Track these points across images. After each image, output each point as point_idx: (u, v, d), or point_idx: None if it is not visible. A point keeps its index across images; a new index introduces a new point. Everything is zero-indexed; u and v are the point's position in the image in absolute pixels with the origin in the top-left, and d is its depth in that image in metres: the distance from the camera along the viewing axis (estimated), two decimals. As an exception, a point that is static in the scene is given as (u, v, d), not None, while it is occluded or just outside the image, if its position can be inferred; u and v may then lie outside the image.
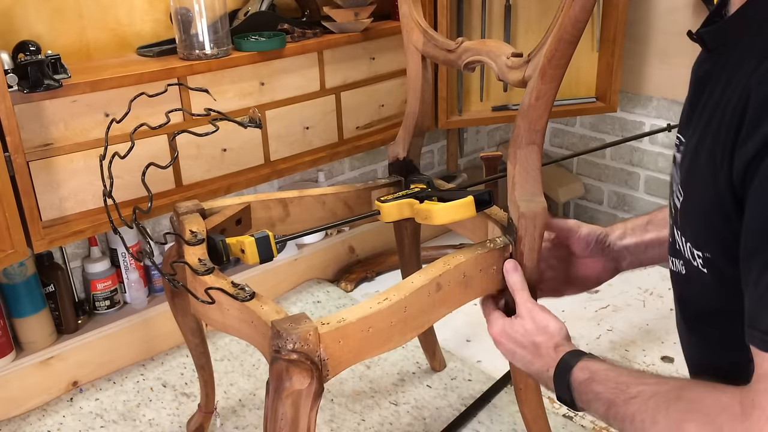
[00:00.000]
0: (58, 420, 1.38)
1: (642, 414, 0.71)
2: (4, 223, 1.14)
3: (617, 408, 0.75)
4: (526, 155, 0.94)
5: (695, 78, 0.80)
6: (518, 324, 0.91)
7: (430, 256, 1.84)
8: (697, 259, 0.75)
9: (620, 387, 0.76)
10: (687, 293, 0.82)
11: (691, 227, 0.76)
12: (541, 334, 0.88)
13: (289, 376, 0.78)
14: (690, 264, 0.77)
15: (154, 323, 1.55)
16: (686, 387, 0.70)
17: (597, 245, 1.04)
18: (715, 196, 0.69)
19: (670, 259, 0.85)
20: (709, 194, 0.70)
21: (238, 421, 1.38)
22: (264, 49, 1.42)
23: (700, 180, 0.72)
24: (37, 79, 1.16)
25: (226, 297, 0.87)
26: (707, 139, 0.71)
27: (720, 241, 0.71)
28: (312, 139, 1.59)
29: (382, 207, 1.05)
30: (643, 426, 0.71)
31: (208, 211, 1.12)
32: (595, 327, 1.62)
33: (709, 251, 0.73)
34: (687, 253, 0.77)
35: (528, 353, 0.90)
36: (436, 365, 1.51)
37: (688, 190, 0.76)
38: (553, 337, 0.88)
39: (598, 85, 1.82)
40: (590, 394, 0.79)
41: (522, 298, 0.93)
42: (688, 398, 0.68)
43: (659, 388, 0.72)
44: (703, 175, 0.71)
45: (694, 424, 0.66)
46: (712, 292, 0.75)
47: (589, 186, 2.19)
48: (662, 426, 0.69)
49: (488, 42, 1.03)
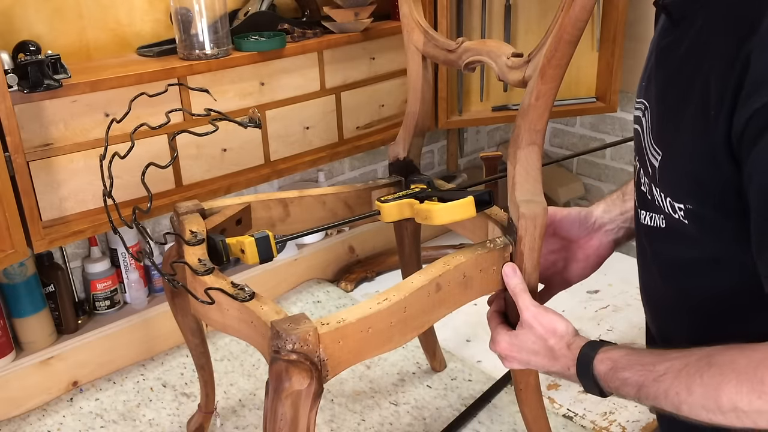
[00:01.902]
0: (58, 420, 1.38)
1: (676, 388, 0.72)
2: (4, 223, 1.14)
3: (647, 389, 0.76)
4: (526, 155, 0.94)
5: (659, 48, 0.84)
6: (526, 333, 0.91)
7: (430, 256, 1.84)
8: (678, 212, 0.79)
9: (646, 368, 0.77)
10: (665, 245, 0.86)
11: (673, 181, 0.79)
12: (552, 337, 0.89)
13: (289, 376, 0.78)
14: (671, 217, 0.81)
15: (154, 323, 1.55)
16: (714, 353, 0.71)
17: (584, 223, 1.06)
18: (704, 151, 0.73)
19: (641, 213, 0.90)
20: (695, 149, 0.74)
21: (238, 421, 1.38)
22: (264, 49, 1.42)
23: (683, 138, 0.76)
24: (37, 79, 1.16)
25: (225, 297, 0.87)
26: (691, 100, 0.74)
27: (706, 191, 0.75)
28: (312, 139, 1.59)
29: (382, 207, 1.05)
30: (679, 399, 0.72)
31: (208, 211, 1.12)
32: (595, 327, 1.62)
33: (691, 203, 0.77)
34: (667, 207, 0.81)
35: (543, 358, 0.90)
36: (436, 365, 1.51)
37: (667, 147, 0.79)
38: (563, 337, 0.88)
39: (598, 85, 1.82)
40: (617, 382, 0.80)
41: (524, 302, 0.93)
42: (720, 362, 0.69)
43: (687, 360, 0.73)
44: (687, 132, 0.75)
45: (732, 384, 0.67)
46: (693, 242, 0.80)
47: (589, 186, 2.19)
48: (699, 394, 0.70)
49: (488, 42, 1.03)
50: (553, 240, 1.08)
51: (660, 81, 0.83)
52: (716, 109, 0.70)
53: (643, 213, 0.89)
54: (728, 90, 0.68)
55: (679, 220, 0.79)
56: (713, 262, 0.80)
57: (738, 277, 0.78)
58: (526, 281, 0.97)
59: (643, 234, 0.91)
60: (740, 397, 0.67)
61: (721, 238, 0.77)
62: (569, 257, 1.09)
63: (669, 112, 0.80)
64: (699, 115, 0.73)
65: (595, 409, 1.36)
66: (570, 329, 0.89)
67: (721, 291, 0.82)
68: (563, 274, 1.09)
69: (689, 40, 0.77)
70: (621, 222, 1.07)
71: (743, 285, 0.77)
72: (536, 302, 0.93)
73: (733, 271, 0.79)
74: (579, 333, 0.90)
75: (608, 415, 1.34)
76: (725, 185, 0.72)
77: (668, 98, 0.80)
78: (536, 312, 0.91)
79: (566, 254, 1.09)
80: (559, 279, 1.09)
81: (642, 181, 0.88)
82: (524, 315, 0.91)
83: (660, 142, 0.81)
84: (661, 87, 0.82)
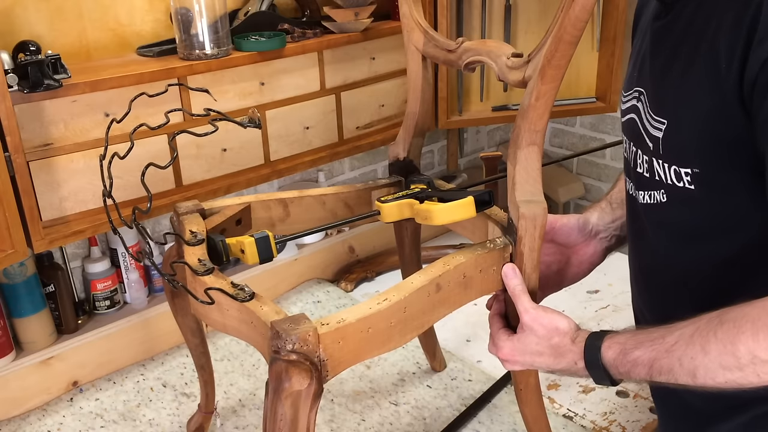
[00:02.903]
0: (58, 420, 1.38)
1: (690, 352, 0.71)
2: (4, 223, 1.14)
3: (660, 361, 0.75)
4: (526, 155, 0.94)
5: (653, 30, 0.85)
6: (528, 336, 0.90)
7: (430, 256, 1.84)
8: (684, 178, 0.79)
9: (656, 342, 0.76)
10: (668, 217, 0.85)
11: (680, 146, 0.79)
12: (555, 335, 0.88)
13: (289, 376, 0.78)
14: (674, 188, 0.81)
15: (154, 323, 1.55)
16: (724, 312, 0.71)
17: (582, 230, 1.08)
18: (714, 107, 0.73)
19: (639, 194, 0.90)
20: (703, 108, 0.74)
21: (238, 421, 1.38)
22: (264, 49, 1.42)
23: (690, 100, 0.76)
24: (37, 79, 1.16)
25: (225, 297, 0.87)
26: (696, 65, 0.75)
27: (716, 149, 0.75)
28: (312, 139, 1.59)
29: (382, 207, 1.05)
30: (694, 362, 0.71)
31: (208, 211, 1.12)
32: (595, 327, 1.61)
33: (698, 166, 0.77)
34: (670, 178, 0.81)
35: (548, 357, 0.89)
36: (436, 365, 1.51)
37: (673, 114, 0.80)
38: (567, 333, 0.88)
39: (598, 85, 1.82)
40: (628, 364, 0.79)
41: (524, 303, 0.92)
42: (732, 318, 0.69)
43: (697, 324, 0.72)
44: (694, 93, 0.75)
45: (748, 334, 0.67)
46: (699, 207, 0.80)
47: (589, 186, 2.19)
48: (715, 352, 0.69)
49: (488, 42, 1.03)
50: (550, 245, 1.08)
51: (659, 60, 0.83)
52: (727, 62, 0.70)
53: (641, 193, 0.89)
54: (739, 41, 0.68)
55: (684, 188, 0.79)
56: (721, 224, 0.79)
57: (747, 238, 0.78)
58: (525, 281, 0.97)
59: (643, 213, 0.91)
60: (757, 344, 0.66)
61: (731, 197, 0.77)
62: (563, 261, 1.10)
63: (672, 81, 0.80)
64: (707, 74, 0.73)
65: (595, 409, 1.36)
66: (572, 325, 0.89)
67: (728, 254, 0.80)
68: (556, 277, 1.10)
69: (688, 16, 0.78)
70: (613, 230, 1.08)
71: (752, 245, 0.77)
72: (535, 303, 0.92)
73: (742, 230, 0.78)
74: (580, 327, 0.90)
75: (608, 415, 1.34)
76: (737, 139, 0.72)
77: (671, 71, 0.80)
78: (536, 314, 0.90)
79: (561, 258, 1.10)
80: (552, 281, 1.10)
81: (639, 163, 0.88)
82: (525, 318, 0.91)
83: (662, 111, 0.81)
84: (662, 64, 0.82)
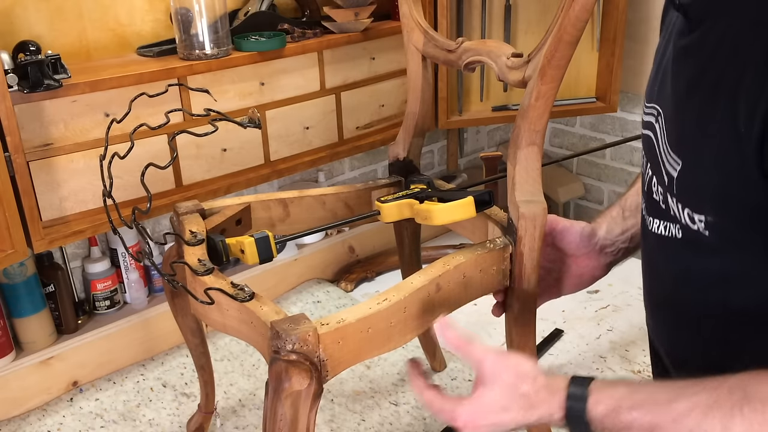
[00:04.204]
0: (58, 420, 1.38)
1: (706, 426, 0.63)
2: (4, 223, 1.14)
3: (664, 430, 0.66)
4: (526, 155, 0.94)
5: (676, 48, 0.77)
6: (490, 390, 0.77)
7: (430, 256, 1.84)
8: (697, 223, 0.73)
9: (661, 406, 0.67)
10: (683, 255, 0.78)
11: (694, 192, 0.73)
12: (524, 381, 0.76)
13: (289, 376, 0.78)
14: (688, 228, 0.74)
15: (154, 323, 1.55)
16: (748, 382, 0.63)
17: (586, 242, 1.02)
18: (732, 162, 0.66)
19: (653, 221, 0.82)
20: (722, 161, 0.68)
21: (238, 421, 1.38)
22: (264, 49, 1.42)
23: (708, 147, 0.69)
24: (37, 79, 1.16)
25: (225, 297, 0.87)
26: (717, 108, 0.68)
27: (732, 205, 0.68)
28: (312, 139, 1.59)
29: (382, 207, 1.05)
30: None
31: (208, 211, 1.12)
32: (595, 327, 1.62)
33: (713, 215, 0.71)
34: (684, 219, 0.75)
35: (517, 412, 0.76)
36: (436, 365, 1.51)
37: (689, 156, 0.73)
38: (535, 378, 0.76)
39: (598, 85, 1.82)
40: (620, 424, 0.69)
41: (477, 352, 0.79)
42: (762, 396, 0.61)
43: (716, 394, 0.64)
44: (713, 142, 0.68)
45: None
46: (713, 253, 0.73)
47: (589, 186, 2.19)
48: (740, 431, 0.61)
49: (488, 42, 1.03)
50: (551, 250, 1.04)
51: (680, 85, 0.76)
52: (746, 125, 0.65)
53: (656, 222, 0.82)
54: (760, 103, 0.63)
55: (698, 231, 0.73)
56: (736, 277, 0.73)
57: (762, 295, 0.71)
58: (525, 282, 0.96)
59: (655, 243, 0.84)
60: None
61: (748, 252, 0.70)
62: (563, 270, 1.05)
63: (691, 118, 0.73)
64: (727, 126, 0.67)
65: (595, 409, 1.35)
66: (537, 367, 0.78)
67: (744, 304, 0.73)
68: (555, 286, 1.06)
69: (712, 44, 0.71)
70: (621, 243, 1.02)
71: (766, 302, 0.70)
72: (487, 346, 0.80)
73: (757, 287, 0.71)
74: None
75: (608, 415, 1.34)
76: (758, 205, 0.66)
77: (690, 104, 0.73)
78: (496, 358, 0.78)
79: (561, 266, 1.05)
80: (551, 290, 1.06)
81: (655, 190, 0.81)
82: (484, 367, 0.78)
83: (679, 150, 0.74)
84: (682, 91, 0.76)
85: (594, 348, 1.55)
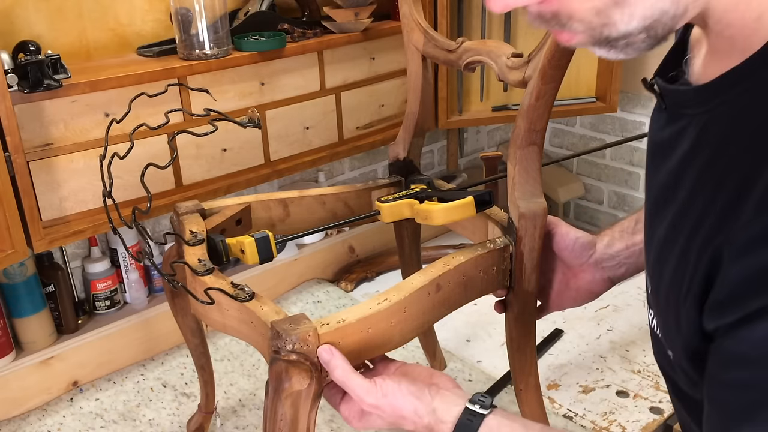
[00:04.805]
0: (58, 420, 1.38)
1: None
2: (4, 223, 1.14)
3: None
4: (526, 155, 0.94)
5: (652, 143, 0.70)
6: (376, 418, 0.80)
7: (430, 256, 1.84)
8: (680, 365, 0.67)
9: None
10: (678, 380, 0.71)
11: (661, 321, 0.68)
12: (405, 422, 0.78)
13: (289, 376, 0.78)
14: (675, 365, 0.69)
15: (154, 323, 1.55)
16: None
17: (579, 252, 0.97)
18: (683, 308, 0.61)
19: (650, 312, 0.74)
20: (678, 300, 0.62)
21: (238, 421, 1.38)
22: (264, 49, 1.42)
23: (669, 278, 0.63)
24: (37, 79, 1.16)
25: (225, 297, 0.87)
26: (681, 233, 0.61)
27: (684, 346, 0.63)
28: (312, 139, 1.59)
29: (382, 207, 1.05)
30: None
31: (208, 211, 1.12)
32: (595, 327, 1.62)
33: (671, 349, 0.66)
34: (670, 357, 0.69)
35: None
36: (436, 365, 1.50)
37: (661, 279, 0.66)
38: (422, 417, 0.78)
39: (598, 85, 1.82)
40: None
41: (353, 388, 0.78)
42: None
43: None
44: (673, 275, 0.62)
45: None
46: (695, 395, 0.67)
47: (589, 186, 2.19)
48: None
49: (488, 42, 1.03)
50: (547, 253, 1.00)
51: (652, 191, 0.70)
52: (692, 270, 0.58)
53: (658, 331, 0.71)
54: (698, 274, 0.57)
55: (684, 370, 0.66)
56: None
57: None
58: (525, 282, 0.96)
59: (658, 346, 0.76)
60: None
61: None
62: (563, 282, 1.03)
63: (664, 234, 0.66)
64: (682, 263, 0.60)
65: (595, 409, 1.36)
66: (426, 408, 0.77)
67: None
68: (557, 299, 1.04)
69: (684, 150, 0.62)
70: (624, 258, 0.96)
71: None
72: (369, 380, 0.79)
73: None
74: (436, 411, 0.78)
75: (608, 415, 1.34)
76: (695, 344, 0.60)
77: (662, 223, 0.66)
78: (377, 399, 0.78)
79: (561, 278, 1.03)
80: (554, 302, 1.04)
81: (650, 318, 0.74)
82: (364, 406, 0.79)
83: (656, 265, 0.68)
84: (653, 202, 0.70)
85: (594, 348, 1.55)
